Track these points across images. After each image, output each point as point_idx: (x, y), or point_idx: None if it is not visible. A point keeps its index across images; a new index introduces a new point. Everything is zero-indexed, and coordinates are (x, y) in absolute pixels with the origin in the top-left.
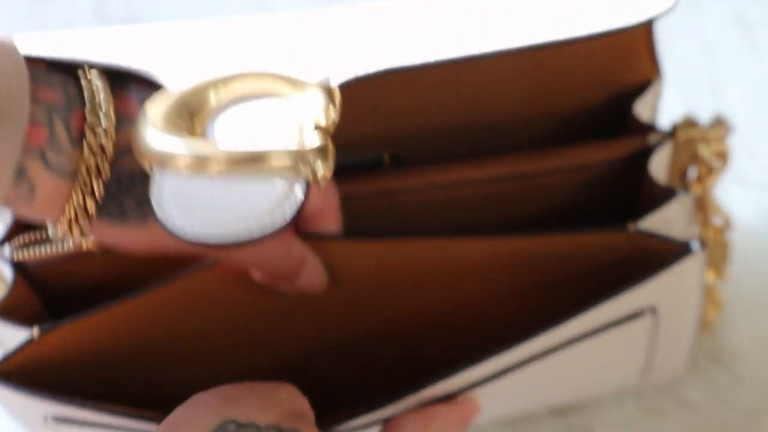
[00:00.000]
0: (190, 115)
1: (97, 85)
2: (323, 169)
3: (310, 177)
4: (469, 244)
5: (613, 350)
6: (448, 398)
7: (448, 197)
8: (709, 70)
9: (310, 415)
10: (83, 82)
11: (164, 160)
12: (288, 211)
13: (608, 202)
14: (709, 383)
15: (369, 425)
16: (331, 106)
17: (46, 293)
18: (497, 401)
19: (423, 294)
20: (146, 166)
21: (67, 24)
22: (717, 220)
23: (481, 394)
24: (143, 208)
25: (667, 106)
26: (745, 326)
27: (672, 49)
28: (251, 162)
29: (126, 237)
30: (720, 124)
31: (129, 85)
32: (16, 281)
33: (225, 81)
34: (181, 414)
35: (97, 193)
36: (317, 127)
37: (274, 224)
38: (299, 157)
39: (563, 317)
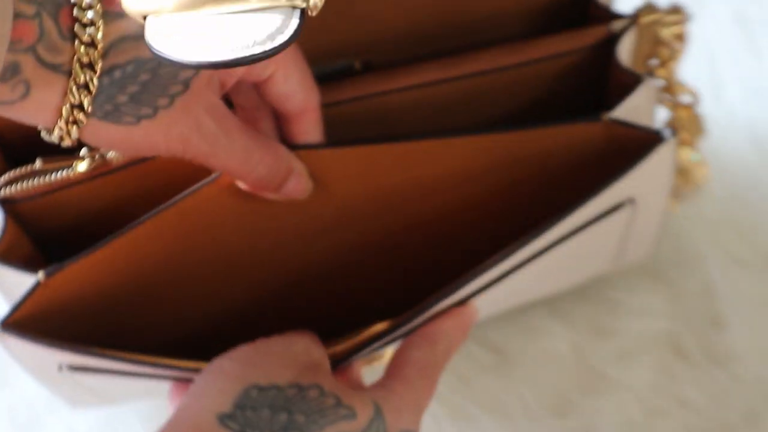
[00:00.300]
0: None
1: None
2: None
3: (304, 5)
4: (449, 143)
5: (593, 242)
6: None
7: (424, 97)
8: (709, 70)
9: (326, 362)
10: None
11: (157, 5)
12: (288, 31)
13: (579, 93)
14: (709, 384)
15: (378, 348)
16: None
17: (35, 233)
18: (489, 302)
19: (408, 204)
20: (138, 18)
21: None
22: (685, 98)
23: (476, 300)
24: (137, 105)
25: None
26: (744, 327)
27: None
28: None
29: (120, 137)
30: (677, 9)
31: None
32: (6, 223)
33: None
34: (203, 384)
35: (92, 88)
36: None
37: (275, 43)
38: None
39: (553, 219)
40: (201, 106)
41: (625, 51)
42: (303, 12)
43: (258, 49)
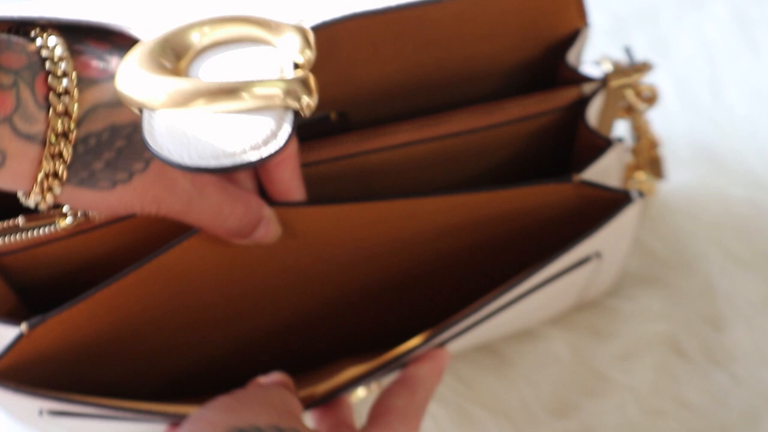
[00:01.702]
0: (175, 55)
1: (55, 45)
2: (308, 98)
3: (297, 106)
4: (424, 203)
5: (560, 289)
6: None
7: (402, 156)
8: (709, 70)
9: (300, 411)
10: (39, 42)
11: (151, 99)
12: (281, 136)
13: (551, 149)
14: (708, 384)
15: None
16: (306, 47)
17: (19, 285)
18: (458, 343)
19: (384, 256)
20: (133, 108)
21: None
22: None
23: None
24: (113, 171)
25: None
26: (744, 327)
27: (672, 49)
28: (238, 95)
29: (95, 201)
30: (644, 66)
31: (86, 42)
32: None
33: (207, 23)
34: (188, 430)
35: (66, 157)
36: (296, 66)
37: (270, 149)
38: (285, 86)
39: (523, 276)
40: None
41: (594, 112)
42: (296, 113)
43: (253, 156)
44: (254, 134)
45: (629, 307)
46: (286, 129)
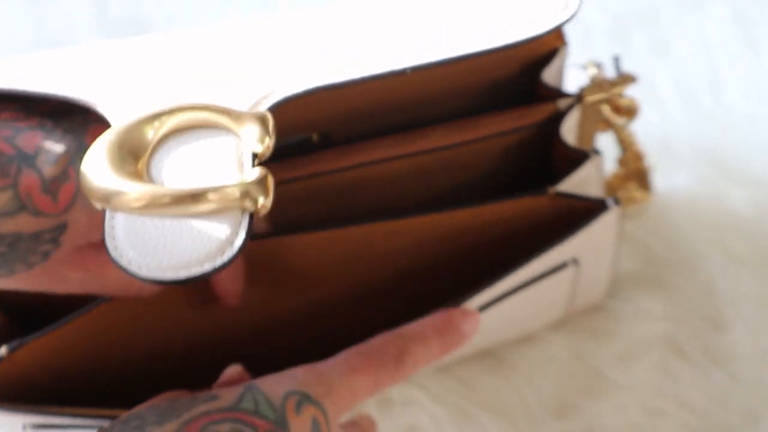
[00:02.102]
0: (132, 154)
1: None
2: (265, 200)
3: (252, 208)
4: (401, 224)
5: (541, 297)
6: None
7: (379, 172)
8: (709, 70)
9: None
10: None
11: (111, 201)
12: (237, 244)
13: (528, 162)
14: (708, 385)
15: None
16: (266, 135)
17: (7, 306)
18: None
19: (360, 270)
20: (96, 205)
21: (68, 24)
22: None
23: None
24: (7, 264)
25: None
26: (744, 327)
27: (672, 49)
28: (196, 200)
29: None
30: (625, 78)
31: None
32: None
33: (161, 115)
34: None
35: None
36: (255, 155)
37: (224, 258)
38: (242, 189)
39: (496, 277)
40: (66, 264)
41: (571, 126)
42: (251, 215)
43: (208, 267)
44: (210, 242)
45: (629, 308)
46: (241, 236)
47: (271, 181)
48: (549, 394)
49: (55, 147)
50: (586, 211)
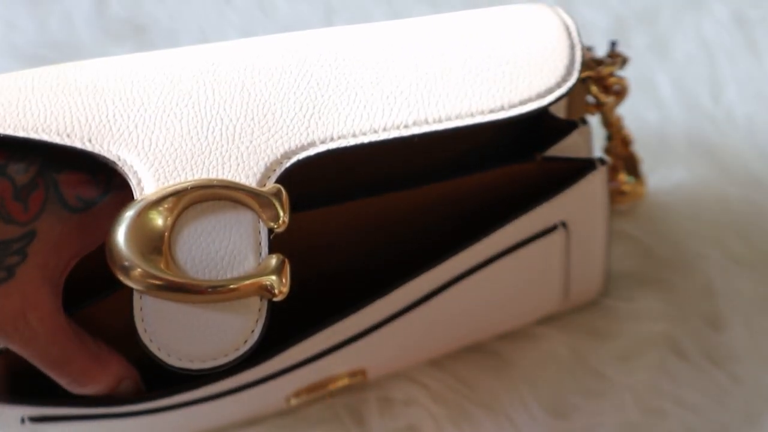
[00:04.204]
0: (152, 245)
1: None
2: (283, 287)
3: (271, 297)
4: (390, 197)
5: (530, 269)
6: None
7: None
8: (708, 70)
9: None
10: None
11: (142, 289)
12: (257, 332)
13: (517, 140)
14: (708, 385)
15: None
16: (282, 211)
17: None
18: (426, 337)
19: (360, 241)
20: (130, 284)
21: (68, 24)
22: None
23: (409, 327)
24: None
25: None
26: (744, 327)
27: (671, 49)
28: (218, 293)
29: None
30: (613, 60)
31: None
32: None
33: (183, 194)
34: None
35: None
36: (271, 232)
37: (247, 347)
38: (261, 285)
39: (482, 234)
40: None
41: (559, 107)
42: (270, 303)
43: (232, 356)
44: (234, 333)
45: (628, 307)
46: (261, 322)
47: (287, 266)
48: (548, 394)
49: (24, 158)
50: (574, 172)
